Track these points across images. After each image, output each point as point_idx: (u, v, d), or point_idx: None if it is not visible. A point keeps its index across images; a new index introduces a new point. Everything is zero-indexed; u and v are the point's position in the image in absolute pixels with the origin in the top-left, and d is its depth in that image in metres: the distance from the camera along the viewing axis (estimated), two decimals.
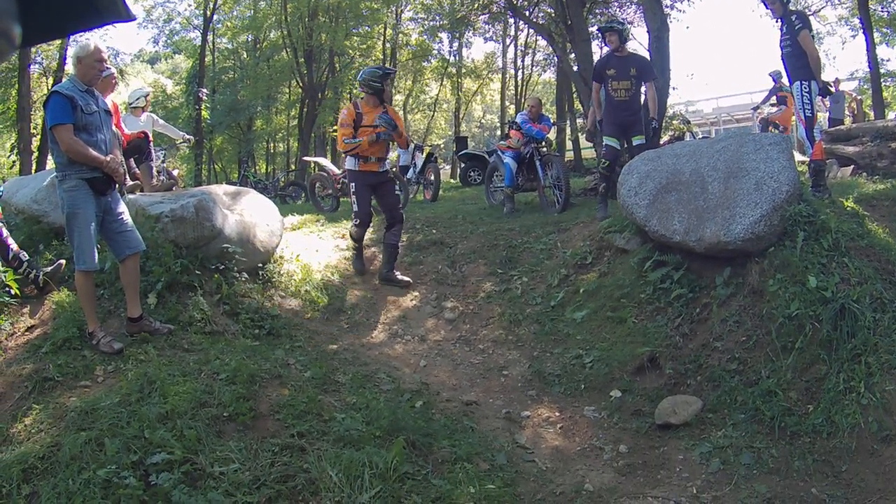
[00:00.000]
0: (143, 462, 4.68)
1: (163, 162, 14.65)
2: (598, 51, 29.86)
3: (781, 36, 10.01)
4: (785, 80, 16.98)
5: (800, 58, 9.66)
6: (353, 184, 10.21)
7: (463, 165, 28.00)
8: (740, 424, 6.34)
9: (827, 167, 10.31)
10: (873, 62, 28.00)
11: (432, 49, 46.38)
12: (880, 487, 5.29)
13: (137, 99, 12.97)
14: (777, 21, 10.24)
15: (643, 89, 11.61)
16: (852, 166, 13.10)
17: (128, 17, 1.45)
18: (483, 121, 73.60)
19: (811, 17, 11.52)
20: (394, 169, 23.96)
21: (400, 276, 10.31)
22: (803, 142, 10.03)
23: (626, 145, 11.85)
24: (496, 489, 5.26)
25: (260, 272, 8.94)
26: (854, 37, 38.14)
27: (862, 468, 5.51)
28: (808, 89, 9.65)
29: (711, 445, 6.14)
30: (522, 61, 46.23)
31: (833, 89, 10.87)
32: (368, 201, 10.29)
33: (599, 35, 12.39)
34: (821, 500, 5.28)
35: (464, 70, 48.03)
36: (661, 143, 17.27)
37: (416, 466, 5.29)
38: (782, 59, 10.10)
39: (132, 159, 11.55)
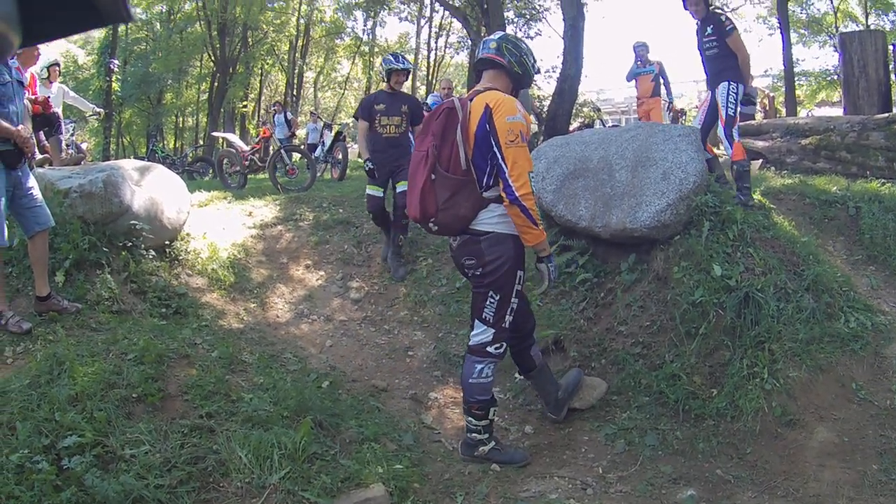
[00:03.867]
0: (55, 446, 4.58)
1: (72, 135, 14.40)
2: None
3: (704, 37, 9.57)
4: (652, 56, 17.26)
5: (727, 59, 9.27)
6: (518, 272, 5.68)
7: None
8: (645, 407, 6.49)
9: (750, 166, 10.11)
10: (788, 61, 28.71)
11: (346, 27, 46.40)
12: (784, 469, 5.45)
13: (42, 69, 12.69)
14: (698, 22, 9.75)
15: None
16: (761, 160, 13.37)
17: (128, 17, 1.43)
18: None
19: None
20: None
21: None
22: (721, 140, 9.53)
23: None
24: (404, 469, 5.30)
25: (167, 250, 8.80)
26: (771, 35, 39.13)
27: (766, 450, 5.67)
28: (735, 90, 9.17)
29: (616, 427, 6.27)
30: (436, 42, 46.45)
31: (755, 98, 10.44)
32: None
33: (385, 77, 10.50)
34: (725, 481, 5.42)
35: (376, 49, 48.20)
36: (571, 129, 17.42)
37: (325, 447, 5.30)
38: (704, 60, 9.84)
39: (41, 132, 11.34)
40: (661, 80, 17.74)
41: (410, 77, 49.68)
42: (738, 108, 9.25)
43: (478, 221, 5.46)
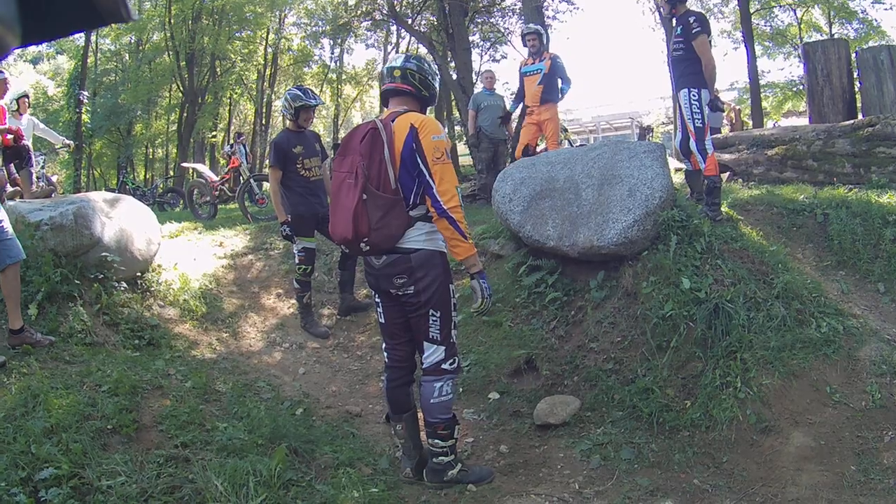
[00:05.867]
0: (32, 478, 4.57)
1: (42, 168, 14.36)
2: (477, 59, 30.10)
3: (674, 37, 9.35)
4: (550, 51, 13.47)
5: (692, 63, 9.01)
6: (450, 286, 5.83)
7: None
8: (619, 421, 6.51)
9: (722, 182, 9.63)
10: (753, 74, 28.87)
11: (313, 54, 46.45)
12: (762, 476, 5.49)
13: (11, 101, 12.59)
14: (672, 20, 9.64)
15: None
16: (728, 173, 13.42)
17: (128, 18, 1.43)
18: None
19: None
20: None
21: None
22: (694, 154, 9.27)
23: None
24: (380, 493, 5.32)
25: (139, 281, 8.79)
26: (736, 49, 39.31)
27: (742, 458, 5.72)
28: (696, 97, 8.98)
29: (591, 442, 6.27)
30: None
31: (721, 104, 9.38)
32: None
33: (292, 114, 9.43)
34: (703, 490, 5.45)
35: (344, 76, 48.24)
36: (538, 150, 17.28)
37: (300, 473, 5.31)
38: (670, 63, 9.69)
39: (12, 164, 11.32)
40: (559, 81, 13.46)
41: (378, 103, 49.81)
42: (706, 117, 9.04)
43: (405, 240, 5.44)
